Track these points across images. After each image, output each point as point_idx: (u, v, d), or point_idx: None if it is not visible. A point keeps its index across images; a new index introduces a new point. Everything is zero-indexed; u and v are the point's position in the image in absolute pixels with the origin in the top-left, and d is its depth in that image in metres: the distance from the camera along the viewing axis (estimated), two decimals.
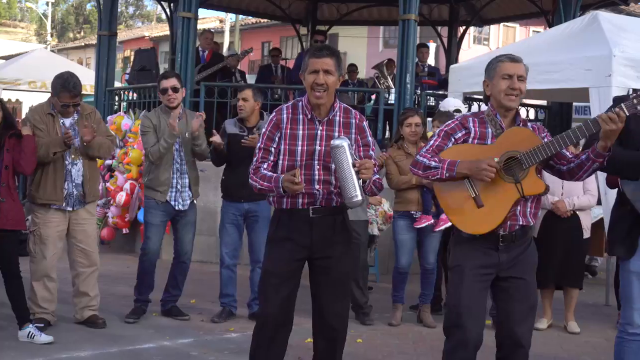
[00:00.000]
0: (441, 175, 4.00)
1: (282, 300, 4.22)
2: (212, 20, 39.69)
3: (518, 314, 4.00)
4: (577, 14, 11.37)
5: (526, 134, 3.94)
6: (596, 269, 10.25)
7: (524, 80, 4.02)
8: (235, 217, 6.72)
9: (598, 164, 3.89)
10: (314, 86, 4.12)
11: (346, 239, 4.33)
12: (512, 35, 34.96)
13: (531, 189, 3.87)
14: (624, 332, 4.25)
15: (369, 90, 12.20)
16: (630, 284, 4.20)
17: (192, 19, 10.68)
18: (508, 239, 3.99)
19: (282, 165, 4.21)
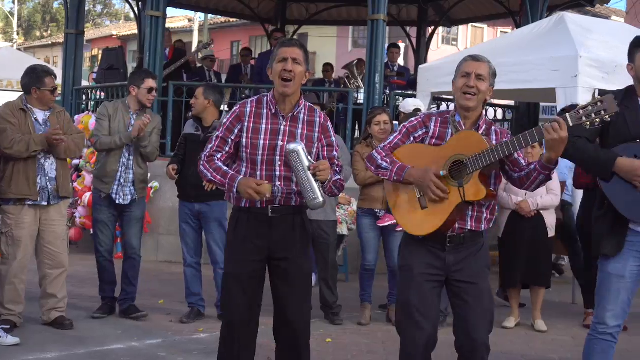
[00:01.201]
0: (389, 178, 4.01)
1: (245, 302, 4.20)
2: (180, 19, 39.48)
3: (472, 318, 3.96)
4: (544, 15, 11.48)
5: (476, 138, 3.88)
6: (563, 267, 10.35)
7: (484, 79, 3.96)
8: (188, 217, 6.72)
9: (544, 177, 3.85)
10: (282, 74, 4.10)
11: (305, 238, 4.32)
12: (480, 35, 35.20)
13: (472, 195, 3.82)
14: (595, 331, 4.28)
15: (338, 90, 12.22)
16: (607, 286, 4.23)
17: (161, 17, 10.62)
18: (456, 241, 3.97)
19: (245, 157, 4.17)
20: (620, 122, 4.15)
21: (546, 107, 14.59)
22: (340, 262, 8.77)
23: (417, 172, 3.92)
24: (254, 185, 3.99)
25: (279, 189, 4.16)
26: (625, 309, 4.24)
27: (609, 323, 4.22)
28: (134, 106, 6.70)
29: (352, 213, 8.53)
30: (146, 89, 6.67)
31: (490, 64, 4.04)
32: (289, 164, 4.05)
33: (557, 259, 9.99)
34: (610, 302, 4.22)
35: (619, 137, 4.16)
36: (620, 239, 4.18)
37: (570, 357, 6.06)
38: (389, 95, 11.15)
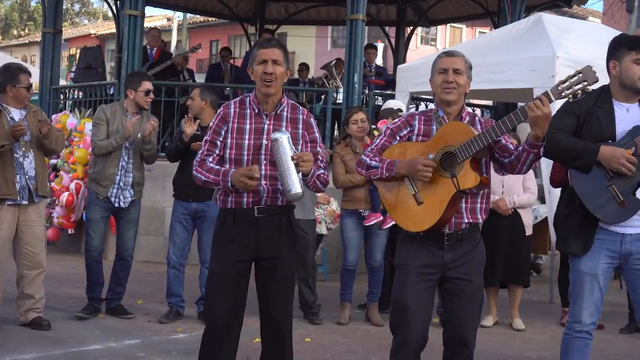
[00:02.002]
0: (381, 175, 4.03)
1: (230, 303, 4.20)
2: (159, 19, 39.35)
3: (464, 315, 4.01)
4: (521, 15, 11.54)
5: (462, 127, 3.91)
6: (541, 266, 10.42)
7: (462, 73, 3.99)
8: (183, 217, 6.70)
9: (534, 155, 3.86)
10: (263, 76, 4.12)
11: (292, 239, 4.32)
12: (458, 35, 35.37)
13: (466, 182, 3.83)
14: (571, 330, 4.32)
15: (318, 89, 12.23)
16: (580, 284, 4.27)
17: (139, 16, 10.56)
18: (453, 238, 3.99)
19: (230, 158, 4.18)
20: (594, 122, 4.19)
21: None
22: (320, 262, 8.78)
23: (406, 163, 3.94)
24: (243, 171, 4.01)
25: (265, 189, 4.15)
26: (599, 306, 4.28)
27: (585, 321, 4.26)
28: (132, 109, 6.72)
29: (331, 212, 8.54)
30: (143, 92, 6.70)
31: (464, 57, 4.07)
32: (273, 153, 4.03)
33: (535, 257, 10.07)
34: (584, 301, 4.26)
35: (592, 137, 4.19)
36: (588, 238, 4.22)
37: (548, 355, 6.10)
38: (367, 95, 11.17)
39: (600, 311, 4.31)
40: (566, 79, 3.75)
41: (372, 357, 5.90)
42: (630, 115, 4.22)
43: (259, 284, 4.30)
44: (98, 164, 6.64)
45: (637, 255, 4.19)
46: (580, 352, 4.31)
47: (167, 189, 6.89)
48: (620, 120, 4.21)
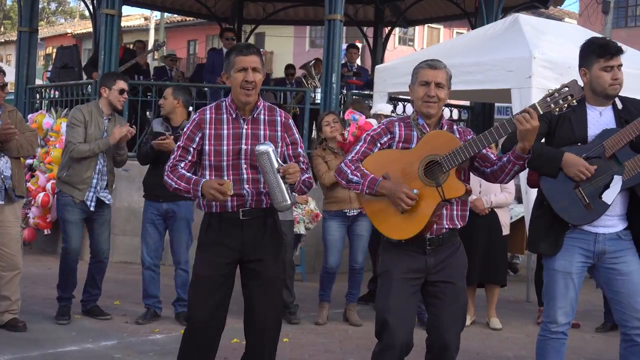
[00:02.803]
0: (362, 192, 4.03)
1: (213, 306, 4.18)
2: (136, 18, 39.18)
3: (447, 318, 4.01)
4: (498, 16, 11.60)
5: (447, 137, 3.93)
6: (517, 266, 10.48)
7: (443, 87, 4.02)
8: (154, 217, 6.68)
9: (519, 166, 3.93)
10: (243, 84, 4.10)
11: (277, 240, 4.32)
12: (436, 36, 35.49)
13: (452, 192, 3.86)
14: (547, 331, 4.34)
15: (295, 89, 12.23)
16: (554, 283, 4.30)
17: (116, 16, 10.52)
18: (435, 243, 4.01)
19: (209, 165, 4.17)
20: (566, 125, 4.24)
21: (501, 107, 14.74)
22: (298, 262, 8.77)
23: (388, 185, 3.93)
24: (215, 185, 3.98)
25: (249, 192, 4.15)
26: (573, 305, 4.31)
27: (560, 321, 4.29)
28: (106, 109, 6.63)
29: (309, 212, 8.52)
30: (117, 90, 6.62)
31: (446, 69, 4.09)
32: (258, 165, 4.03)
33: (512, 257, 10.12)
34: (559, 300, 4.28)
35: (564, 139, 4.25)
36: (558, 238, 4.26)
37: (524, 354, 6.13)
38: (346, 95, 11.18)
39: (574, 310, 4.34)
40: (553, 92, 3.79)
41: (350, 357, 5.90)
42: (603, 119, 4.27)
43: (244, 286, 4.29)
44: (73, 167, 6.50)
45: (610, 255, 4.23)
46: (556, 353, 4.34)
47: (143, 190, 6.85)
48: (592, 123, 4.26)
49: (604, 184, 4.16)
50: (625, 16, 32.04)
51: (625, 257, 4.23)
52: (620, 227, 4.25)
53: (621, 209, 4.24)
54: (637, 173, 4.17)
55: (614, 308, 4.37)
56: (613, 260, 4.23)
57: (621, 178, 4.16)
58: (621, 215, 4.25)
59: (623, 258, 4.22)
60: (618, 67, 4.22)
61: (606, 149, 4.15)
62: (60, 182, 6.62)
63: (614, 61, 4.22)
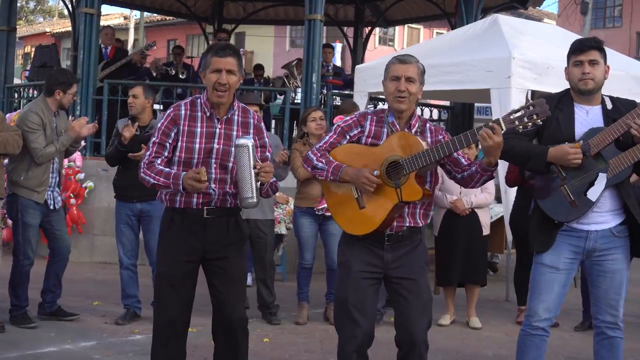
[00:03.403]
0: (326, 178, 4.04)
1: (178, 303, 4.19)
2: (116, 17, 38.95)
3: (411, 314, 4.00)
4: (478, 16, 11.65)
5: (412, 140, 3.94)
6: (497, 265, 10.53)
7: (414, 81, 4.01)
8: (128, 218, 6.65)
9: (487, 177, 3.97)
10: (216, 86, 4.09)
11: (239, 239, 4.33)
12: (416, 36, 35.57)
13: (409, 196, 3.88)
14: (528, 325, 4.37)
15: (276, 89, 12.22)
16: (540, 277, 4.33)
17: (95, 15, 10.47)
18: (394, 239, 4.02)
19: (179, 161, 4.15)
20: (554, 124, 4.28)
21: (481, 107, 14.81)
22: (278, 262, 8.77)
23: (352, 171, 3.95)
24: (191, 174, 3.97)
25: (215, 192, 4.15)
26: (557, 302, 4.34)
27: (542, 315, 4.31)
28: (54, 108, 6.51)
29: (289, 212, 8.53)
30: (71, 94, 6.55)
31: (418, 63, 4.08)
32: (235, 158, 4.01)
33: (491, 257, 10.17)
34: (543, 294, 4.31)
35: (552, 138, 4.28)
36: (551, 235, 4.29)
37: (504, 353, 6.16)
38: (325, 94, 11.19)
39: (558, 308, 4.37)
40: (519, 109, 3.80)
41: (330, 356, 5.90)
42: (590, 118, 4.29)
43: (210, 285, 4.30)
44: (33, 170, 6.33)
45: (600, 252, 4.27)
46: (536, 349, 4.37)
47: None
48: (579, 122, 4.28)
49: (589, 182, 4.19)
50: (603, 17, 32.31)
51: (614, 255, 4.27)
52: (613, 223, 4.27)
53: (613, 204, 4.26)
54: (622, 171, 4.21)
55: (592, 301, 4.44)
56: (602, 257, 4.28)
57: (606, 176, 4.19)
58: (614, 211, 4.27)
59: (612, 256, 4.27)
60: (590, 62, 4.25)
61: (591, 147, 4.18)
62: (15, 186, 6.39)
63: (584, 56, 4.26)
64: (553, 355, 6.04)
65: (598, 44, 4.31)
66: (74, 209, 9.56)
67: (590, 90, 4.27)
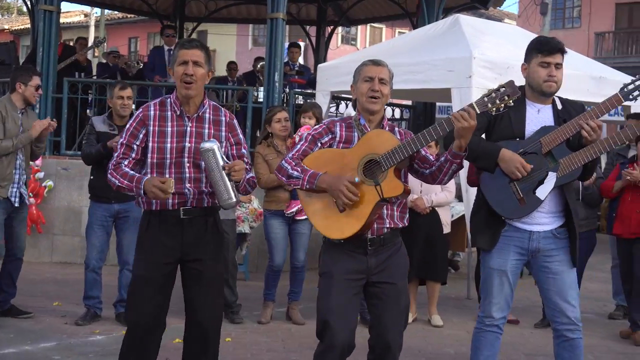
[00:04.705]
0: (302, 187, 3.99)
1: (154, 306, 4.14)
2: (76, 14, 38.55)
3: (389, 319, 4.01)
4: (439, 16, 11.73)
5: (386, 136, 3.94)
6: (458, 263, 10.61)
7: (386, 83, 4.04)
8: (104, 219, 6.57)
9: (456, 165, 3.95)
10: (183, 77, 4.07)
11: (218, 239, 4.29)
12: (378, 35, 35.72)
13: (390, 191, 3.85)
14: (482, 324, 4.44)
15: (237, 88, 12.18)
16: (490, 280, 4.40)
17: (55, 12, 10.36)
18: (377, 243, 4.00)
19: (151, 163, 4.12)
20: (505, 120, 4.33)
21: (442, 106, 14.92)
22: (240, 261, 8.75)
23: (329, 179, 3.90)
24: (157, 183, 3.94)
25: (190, 191, 4.12)
26: (508, 301, 4.42)
27: (495, 315, 4.40)
28: (20, 104, 6.46)
29: (252, 211, 8.51)
30: (33, 87, 6.47)
31: (388, 67, 4.12)
32: (203, 163, 4.00)
33: (453, 255, 10.25)
34: (494, 296, 4.39)
35: (503, 134, 4.33)
36: (495, 233, 4.35)
37: (465, 350, 6.19)
38: (288, 93, 11.19)
39: (510, 306, 4.45)
40: (490, 92, 3.83)
41: (292, 355, 5.91)
42: (541, 116, 4.35)
43: (185, 286, 4.26)
44: None
45: (544, 252, 4.33)
46: (490, 346, 4.43)
47: (83, 189, 6.75)
48: (530, 120, 4.34)
49: (539, 180, 4.25)
50: (562, 18, 32.69)
51: (558, 256, 4.33)
52: (554, 224, 4.34)
53: (555, 206, 4.33)
54: (571, 171, 4.28)
55: (545, 304, 4.52)
56: (546, 258, 4.34)
57: (556, 175, 4.25)
58: (555, 213, 4.34)
59: (556, 257, 4.33)
60: (556, 65, 4.30)
61: (543, 145, 4.23)
62: None
63: (552, 58, 4.30)
64: (513, 352, 6.10)
65: (563, 48, 4.38)
66: (34, 208, 9.45)
67: (552, 93, 4.34)
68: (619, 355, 6.32)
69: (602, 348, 6.47)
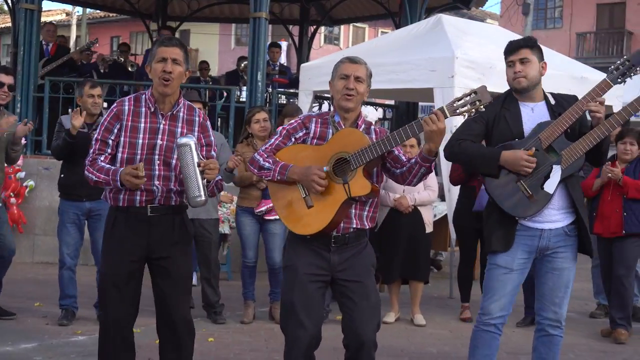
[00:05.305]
0: (273, 177, 4.00)
1: (123, 303, 4.15)
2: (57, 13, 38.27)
3: (358, 316, 4.01)
4: (422, 16, 11.75)
5: (357, 135, 3.95)
6: (440, 263, 10.63)
7: (363, 81, 4.04)
8: (76, 217, 6.55)
9: (425, 169, 3.95)
10: (161, 74, 4.06)
11: (186, 238, 4.29)
12: (361, 35, 35.74)
13: (358, 190, 3.87)
14: (481, 323, 4.44)
15: (221, 87, 12.15)
16: (494, 277, 4.39)
17: (36, 11, 10.30)
18: (340, 241, 4.01)
19: (122, 158, 4.12)
20: (502, 123, 4.36)
21: (425, 106, 14.94)
22: (223, 261, 8.73)
23: (300, 170, 3.93)
24: (129, 170, 3.94)
25: (159, 189, 4.12)
26: (510, 300, 4.41)
27: (494, 313, 4.38)
28: None
29: (234, 211, 8.50)
30: (5, 84, 6.40)
31: (366, 65, 4.12)
32: (176, 158, 4.00)
33: (435, 254, 10.27)
34: (496, 293, 4.38)
35: (502, 137, 4.36)
36: (509, 234, 4.35)
37: (448, 350, 6.22)
38: (271, 93, 11.18)
39: (511, 306, 4.44)
40: (462, 96, 3.85)
41: (275, 355, 5.90)
42: (536, 114, 4.38)
43: (154, 283, 4.26)
44: None
45: (552, 250, 4.35)
46: (487, 346, 4.43)
47: None
48: (526, 119, 4.37)
49: (544, 175, 4.27)
50: (544, 18, 32.87)
51: (565, 253, 4.36)
52: (566, 221, 4.35)
53: (565, 201, 4.34)
54: (574, 161, 4.28)
55: (537, 297, 4.52)
56: (553, 255, 4.36)
57: (560, 167, 4.27)
58: (566, 209, 4.34)
59: (562, 254, 4.36)
60: (520, 60, 4.34)
61: (542, 141, 4.26)
62: None
63: (514, 56, 4.36)
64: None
65: (528, 42, 4.41)
66: (15, 208, 9.38)
67: (524, 88, 4.36)
68: (600, 354, 6.36)
69: (583, 347, 6.51)
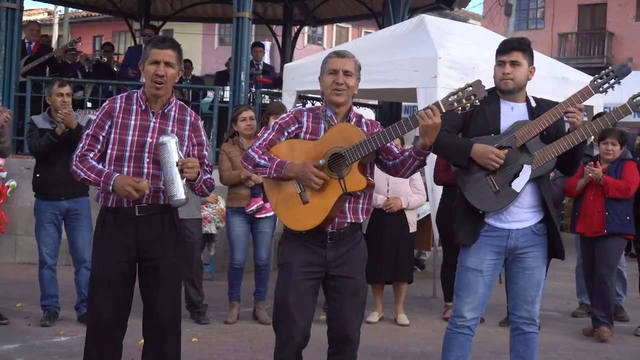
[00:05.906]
0: (269, 175, 4.00)
1: (114, 305, 4.11)
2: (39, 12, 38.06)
3: (347, 312, 4.04)
4: (405, 17, 11.78)
5: (352, 130, 3.95)
6: (424, 262, 10.65)
7: (352, 75, 4.03)
8: (54, 216, 6.50)
9: (419, 162, 3.97)
10: (154, 77, 4.05)
11: (176, 238, 4.26)
12: (344, 35, 35.79)
13: (354, 185, 3.87)
14: (454, 325, 4.46)
15: (204, 87, 12.13)
16: (465, 279, 4.42)
17: (17, 10, 10.23)
18: (336, 237, 4.01)
19: (111, 155, 4.09)
20: (480, 117, 4.39)
21: (408, 106, 14.97)
22: (207, 261, 8.71)
23: (296, 167, 3.92)
24: (131, 182, 3.92)
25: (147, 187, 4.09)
26: (482, 302, 4.44)
27: (467, 316, 4.41)
28: None
29: (219, 211, 8.49)
30: None
31: (354, 58, 4.11)
32: (158, 157, 3.98)
33: (419, 254, 10.29)
34: (468, 296, 4.41)
35: (478, 131, 4.39)
36: (475, 227, 4.38)
37: (431, 349, 6.24)
38: (254, 93, 11.16)
39: (483, 307, 4.48)
40: (457, 91, 3.86)
41: (259, 355, 5.90)
42: (515, 113, 4.41)
43: (142, 284, 4.22)
44: None
45: (521, 250, 4.38)
46: (461, 348, 4.46)
47: None
48: (505, 116, 4.40)
49: (514, 173, 4.30)
50: (526, 18, 33.02)
51: (534, 252, 4.39)
52: (533, 220, 4.38)
53: (533, 200, 4.37)
54: (545, 163, 4.32)
55: (509, 296, 4.56)
56: (522, 255, 4.39)
57: (530, 167, 4.30)
58: (534, 207, 4.38)
59: (532, 254, 4.39)
60: (511, 62, 4.37)
61: (517, 139, 4.29)
62: None
63: (506, 57, 4.38)
64: (478, 351, 6.14)
65: (521, 45, 4.42)
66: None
67: (510, 90, 4.39)
68: (582, 353, 6.39)
69: (566, 345, 6.54)
